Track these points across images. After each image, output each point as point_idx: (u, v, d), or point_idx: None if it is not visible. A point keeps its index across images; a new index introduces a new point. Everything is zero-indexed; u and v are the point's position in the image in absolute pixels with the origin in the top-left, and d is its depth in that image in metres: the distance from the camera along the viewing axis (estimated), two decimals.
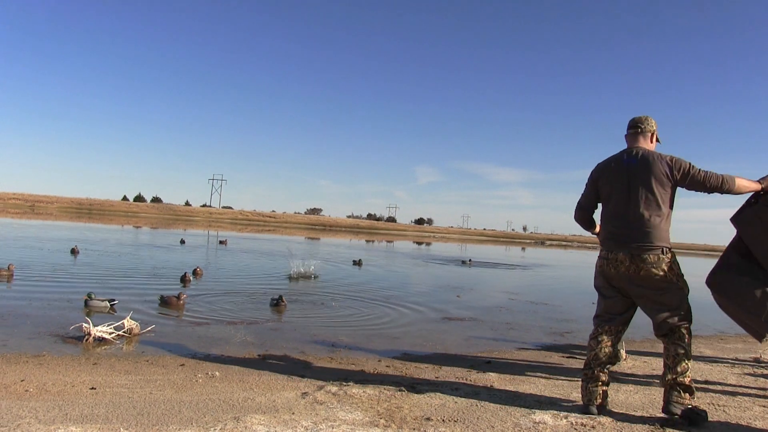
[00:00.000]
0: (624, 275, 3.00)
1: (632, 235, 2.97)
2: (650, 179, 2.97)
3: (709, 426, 2.88)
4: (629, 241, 2.97)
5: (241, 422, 2.57)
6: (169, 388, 3.18)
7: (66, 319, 5.12)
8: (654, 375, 4.14)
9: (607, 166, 3.15)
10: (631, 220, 2.99)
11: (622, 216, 3.03)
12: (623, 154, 3.12)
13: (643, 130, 3.16)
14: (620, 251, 2.99)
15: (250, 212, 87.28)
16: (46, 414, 2.58)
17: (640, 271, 2.94)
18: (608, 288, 3.14)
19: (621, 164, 3.08)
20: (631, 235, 2.98)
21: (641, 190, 2.98)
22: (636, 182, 3.00)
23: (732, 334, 6.78)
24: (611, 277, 3.07)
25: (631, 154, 3.07)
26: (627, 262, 2.96)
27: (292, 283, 9.33)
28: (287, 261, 11.71)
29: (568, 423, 2.80)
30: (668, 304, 2.98)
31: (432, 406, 3.01)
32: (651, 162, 2.99)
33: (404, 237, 56.33)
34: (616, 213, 3.07)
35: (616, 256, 3.01)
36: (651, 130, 3.17)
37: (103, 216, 51.95)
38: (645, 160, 3.01)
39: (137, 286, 7.87)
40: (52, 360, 3.83)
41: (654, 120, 3.20)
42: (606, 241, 3.10)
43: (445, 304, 8.04)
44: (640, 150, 3.08)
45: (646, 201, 2.97)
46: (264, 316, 6.07)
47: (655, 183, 2.97)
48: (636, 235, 2.96)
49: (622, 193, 3.04)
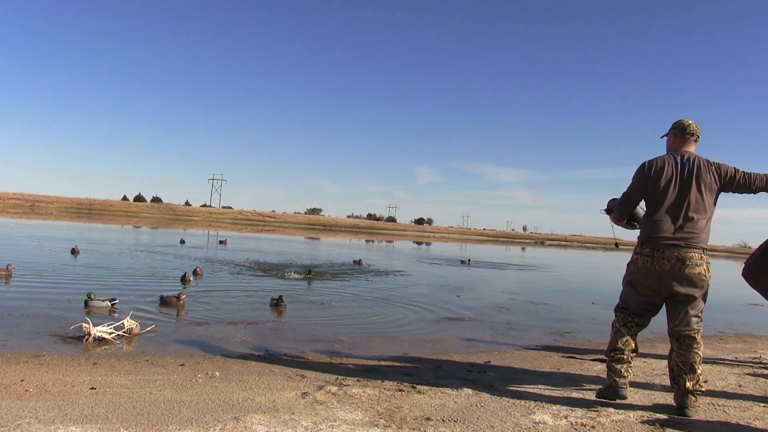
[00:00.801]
0: (668, 273, 3.12)
1: (683, 236, 3.13)
2: (701, 185, 3.18)
3: (709, 426, 2.88)
4: (679, 240, 3.12)
5: (241, 422, 2.57)
6: (169, 388, 3.18)
7: (66, 319, 5.12)
8: (654, 375, 4.14)
9: (662, 167, 3.25)
10: (682, 222, 3.15)
11: (674, 217, 3.18)
12: (677, 157, 3.27)
13: (698, 139, 3.36)
14: (668, 250, 3.12)
15: (250, 212, 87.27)
16: (46, 414, 2.58)
17: (685, 269, 3.09)
18: (644, 286, 3.23)
19: (675, 167, 3.23)
20: (681, 236, 3.13)
21: (693, 194, 3.17)
22: (689, 186, 3.18)
23: (732, 334, 6.78)
24: (654, 273, 3.17)
25: (684, 159, 3.24)
26: (673, 260, 3.10)
27: (292, 284, 9.33)
28: (289, 261, 11.71)
29: (568, 423, 2.80)
30: (698, 306, 3.18)
31: (432, 406, 3.01)
32: (703, 168, 3.20)
33: (404, 237, 56.33)
34: (666, 213, 3.20)
35: (662, 254, 3.13)
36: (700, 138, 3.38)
37: (103, 216, 51.95)
38: (698, 167, 3.20)
39: (137, 286, 7.87)
40: (52, 360, 3.83)
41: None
42: (653, 240, 3.19)
43: (445, 304, 8.05)
44: (692, 155, 3.26)
45: (696, 204, 3.17)
46: (264, 316, 6.07)
47: (705, 188, 3.19)
48: (686, 236, 3.13)
49: (675, 194, 3.20)
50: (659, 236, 3.17)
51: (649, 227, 3.25)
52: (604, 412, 3.02)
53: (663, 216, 3.21)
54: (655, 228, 3.21)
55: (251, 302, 7.03)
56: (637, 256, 3.26)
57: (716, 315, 9.04)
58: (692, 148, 3.33)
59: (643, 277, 3.22)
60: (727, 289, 15.48)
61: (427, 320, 6.57)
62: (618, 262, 29.52)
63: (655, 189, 3.24)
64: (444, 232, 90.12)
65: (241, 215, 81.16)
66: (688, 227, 3.14)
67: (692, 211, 3.16)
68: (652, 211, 3.28)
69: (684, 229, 3.14)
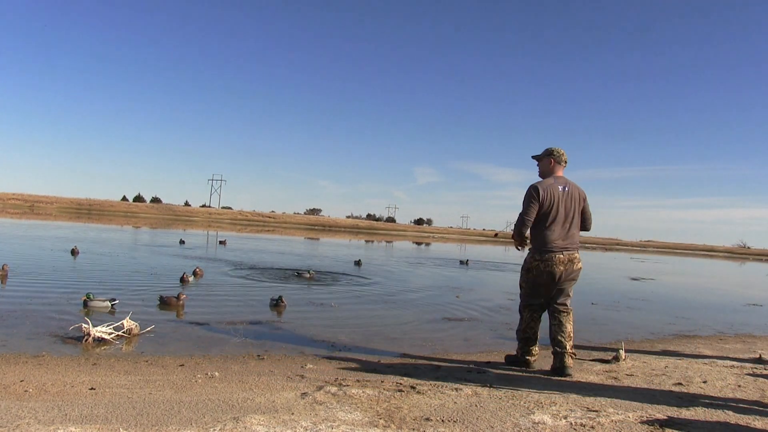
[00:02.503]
0: (563, 271, 4.06)
1: (569, 243, 4.12)
2: (576, 204, 4.17)
3: (709, 426, 2.88)
4: (568, 246, 4.10)
5: (241, 422, 2.57)
6: (169, 389, 3.18)
7: (65, 320, 5.12)
8: (654, 375, 4.14)
9: (551, 191, 4.09)
10: (567, 233, 4.11)
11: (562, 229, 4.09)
12: (558, 181, 4.17)
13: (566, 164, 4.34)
14: (561, 254, 4.07)
15: (250, 212, 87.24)
16: (46, 414, 2.58)
17: (573, 267, 4.10)
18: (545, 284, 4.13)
19: (560, 190, 4.12)
20: (568, 243, 4.11)
21: (573, 211, 4.14)
22: (570, 205, 4.13)
23: (732, 335, 6.78)
24: (551, 273, 4.06)
25: (563, 183, 4.16)
26: (566, 261, 4.08)
27: (291, 284, 9.33)
28: (289, 261, 11.70)
29: (568, 423, 2.80)
30: (572, 289, 4.21)
31: (431, 407, 3.01)
32: (576, 191, 4.20)
33: (404, 237, 56.32)
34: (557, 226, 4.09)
35: (557, 257, 4.06)
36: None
37: (103, 216, 51.93)
38: (573, 189, 4.19)
39: (137, 286, 7.87)
40: (52, 360, 3.83)
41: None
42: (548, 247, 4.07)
43: (445, 304, 8.04)
44: (568, 180, 4.21)
45: (574, 219, 4.17)
46: (264, 317, 6.07)
47: (578, 207, 4.18)
48: (571, 243, 4.13)
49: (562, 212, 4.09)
50: (554, 244, 4.05)
51: (545, 238, 4.07)
52: (603, 412, 3.03)
53: (555, 229, 4.06)
54: (550, 238, 4.05)
55: (251, 302, 7.03)
56: (537, 263, 4.09)
57: (716, 315, 9.05)
58: (562, 172, 4.27)
59: (543, 277, 4.08)
60: (727, 290, 15.49)
61: (427, 320, 6.57)
62: (618, 263, 29.53)
63: (549, 208, 4.05)
64: (443, 232, 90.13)
65: (241, 215, 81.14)
66: (571, 236, 4.11)
67: (572, 224, 4.12)
68: (545, 225, 4.07)
69: (569, 238, 4.09)
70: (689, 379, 4.05)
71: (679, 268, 28.76)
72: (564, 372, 3.97)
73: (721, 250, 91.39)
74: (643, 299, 10.61)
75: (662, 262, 34.70)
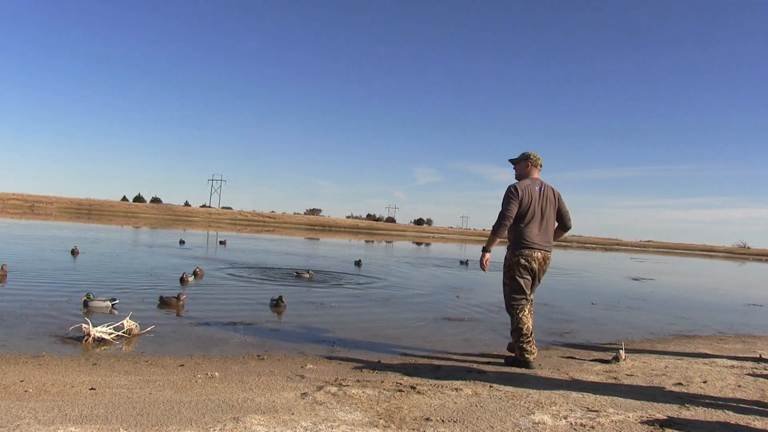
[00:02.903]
0: (538, 268, 4.33)
1: (545, 241, 4.36)
2: (551, 204, 4.40)
3: (709, 426, 2.88)
4: (543, 243, 4.34)
5: (241, 423, 2.57)
6: (169, 389, 3.18)
7: (65, 320, 5.12)
8: (654, 375, 4.14)
9: (529, 191, 4.32)
10: (543, 231, 4.35)
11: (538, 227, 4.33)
12: (535, 182, 4.40)
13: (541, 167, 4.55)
14: (538, 251, 4.31)
15: (250, 212, 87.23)
16: (46, 414, 2.58)
17: (547, 263, 4.38)
18: (525, 279, 4.34)
19: (537, 191, 4.35)
20: (544, 241, 4.35)
21: (548, 211, 4.37)
22: (545, 205, 4.36)
23: (731, 335, 6.78)
24: (530, 269, 4.31)
25: (540, 185, 4.40)
26: (541, 258, 4.34)
27: (291, 284, 9.33)
28: (289, 261, 11.69)
29: (568, 423, 2.80)
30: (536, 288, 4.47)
31: (431, 407, 3.01)
32: (551, 193, 4.43)
33: (404, 237, 56.32)
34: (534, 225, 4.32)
35: (534, 254, 4.31)
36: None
37: (103, 216, 51.93)
38: (549, 191, 4.43)
39: (137, 286, 7.86)
40: (52, 360, 3.83)
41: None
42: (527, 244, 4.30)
43: (445, 304, 8.05)
44: (543, 182, 4.44)
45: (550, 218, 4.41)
46: (264, 316, 6.07)
47: (552, 207, 4.41)
48: (546, 241, 4.37)
49: (538, 211, 4.32)
50: (533, 241, 4.28)
51: (523, 235, 4.30)
52: (603, 412, 3.03)
53: (532, 227, 4.29)
54: (528, 236, 4.29)
55: (251, 302, 7.03)
56: (517, 258, 4.30)
57: (716, 315, 9.05)
58: (538, 175, 4.50)
59: (525, 273, 4.32)
60: (727, 290, 15.49)
61: (427, 320, 6.57)
62: (618, 263, 29.53)
63: (527, 207, 4.28)
64: (443, 232, 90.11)
65: (241, 215, 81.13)
66: (547, 234, 4.36)
67: (548, 223, 4.36)
68: (523, 223, 4.30)
69: (545, 236, 4.34)
70: (689, 379, 4.05)
71: (679, 268, 28.75)
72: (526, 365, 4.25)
73: (721, 250, 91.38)
74: (643, 299, 10.61)
75: (662, 262, 34.70)
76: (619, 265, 25.81)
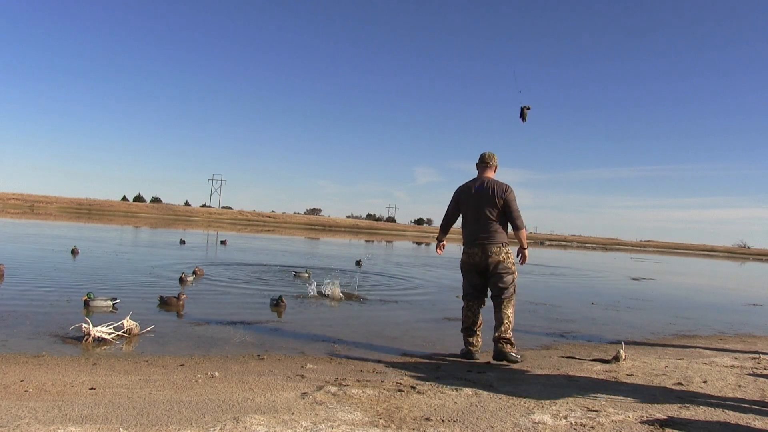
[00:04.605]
0: (478, 262, 4.48)
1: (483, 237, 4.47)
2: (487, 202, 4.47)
3: (709, 426, 2.88)
4: (481, 239, 4.47)
5: (241, 422, 2.57)
6: (169, 389, 3.18)
7: (66, 319, 5.11)
8: (653, 375, 4.14)
9: (465, 191, 4.59)
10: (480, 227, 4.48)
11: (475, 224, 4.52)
12: (476, 182, 4.56)
13: (490, 165, 4.64)
14: (475, 247, 4.50)
15: (250, 212, 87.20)
16: (46, 414, 2.58)
17: (488, 258, 4.43)
18: (470, 274, 4.59)
19: (473, 190, 4.53)
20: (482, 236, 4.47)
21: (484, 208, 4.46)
22: (480, 203, 4.48)
23: (732, 335, 6.78)
24: (472, 264, 4.51)
25: (478, 183, 4.54)
26: (480, 253, 4.47)
27: (292, 284, 9.33)
28: (289, 261, 11.68)
29: (568, 423, 2.80)
30: (505, 281, 4.43)
31: (432, 407, 3.01)
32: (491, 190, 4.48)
33: (404, 237, 56.33)
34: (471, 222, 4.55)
35: (473, 250, 4.51)
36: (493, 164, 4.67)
37: (103, 216, 51.93)
38: (487, 189, 4.49)
39: (137, 286, 7.87)
40: (52, 360, 3.83)
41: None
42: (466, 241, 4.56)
43: (445, 304, 8.04)
44: (487, 180, 4.55)
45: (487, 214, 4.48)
46: (264, 316, 6.07)
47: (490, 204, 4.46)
48: (484, 236, 4.46)
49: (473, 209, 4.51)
50: (469, 238, 4.52)
51: (463, 234, 4.61)
52: (603, 412, 3.03)
53: (467, 226, 4.55)
54: (465, 234, 4.58)
55: (251, 302, 7.03)
56: (462, 255, 4.58)
57: (716, 315, 9.05)
58: (490, 173, 4.61)
59: (466, 268, 4.56)
60: (727, 290, 15.48)
61: (427, 320, 6.57)
62: (618, 262, 29.53)
63: (464, 208, 4.57)
64: None
65: (241, 215, 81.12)
66: (484, 230, 4.45)
67: (486, 220, 4.44)
68: (463, 222, 4.64)
69: (483, 232, 4.45)
70: (689, 379, 4.05)
71: (679, 268, 28.75)
72: (500, 357, 4.36)
73: (721, 250, 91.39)
74: (643, 299, 10.61)
75: (662, 261, 34.70)
76: (619, 265, 25.81)
